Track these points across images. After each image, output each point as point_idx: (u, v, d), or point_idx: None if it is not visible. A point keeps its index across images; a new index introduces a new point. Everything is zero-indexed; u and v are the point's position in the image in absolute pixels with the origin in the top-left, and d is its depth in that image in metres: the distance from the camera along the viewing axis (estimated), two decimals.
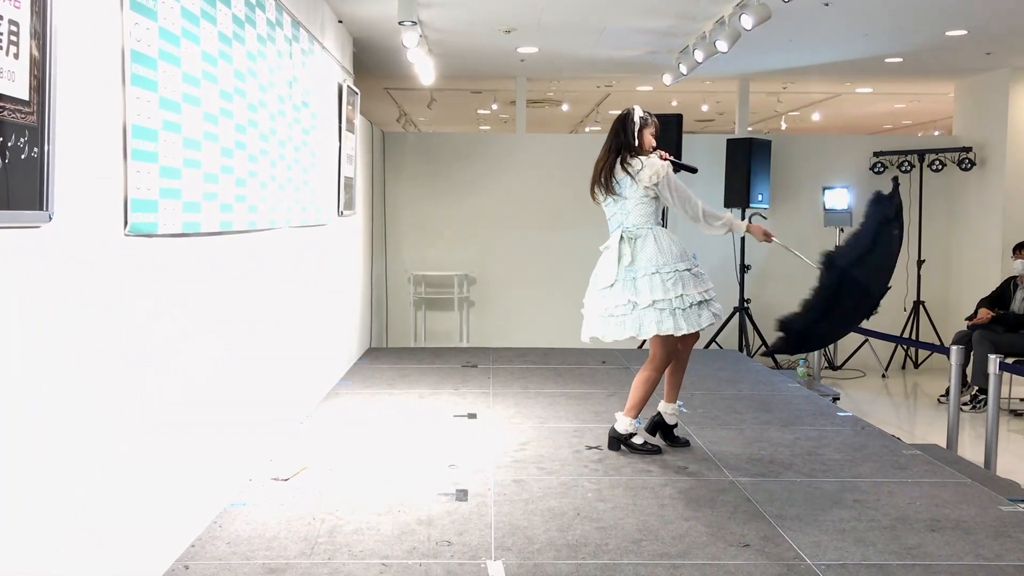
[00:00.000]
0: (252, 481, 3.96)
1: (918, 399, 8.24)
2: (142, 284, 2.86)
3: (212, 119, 3.48)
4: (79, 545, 2.48)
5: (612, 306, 4.35)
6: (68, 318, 2.40)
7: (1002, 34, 7.22)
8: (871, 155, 9.42)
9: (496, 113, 13.76)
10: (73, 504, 2.44)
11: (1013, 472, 5.04)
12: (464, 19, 6.80)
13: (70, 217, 2.37)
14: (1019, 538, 3.40)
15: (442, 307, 9.48)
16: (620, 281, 4.34)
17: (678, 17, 6.67)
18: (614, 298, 4.34)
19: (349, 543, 3.29)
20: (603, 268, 4.45)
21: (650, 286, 4.27)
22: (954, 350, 5.29)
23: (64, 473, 2.39)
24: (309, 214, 5.36)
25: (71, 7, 2.36)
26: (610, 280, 4.36)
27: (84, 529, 2.50)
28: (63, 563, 2.40)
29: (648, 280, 4.29)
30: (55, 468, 2.34)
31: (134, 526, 2.82)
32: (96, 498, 2.57)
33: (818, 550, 3.27)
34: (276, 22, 4.55)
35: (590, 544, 3.31)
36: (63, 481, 2.39)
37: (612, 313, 4.35)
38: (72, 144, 2.37)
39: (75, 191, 2.40)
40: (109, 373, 2.63)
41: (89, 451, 2.51)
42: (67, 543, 2.41)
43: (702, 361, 7.47)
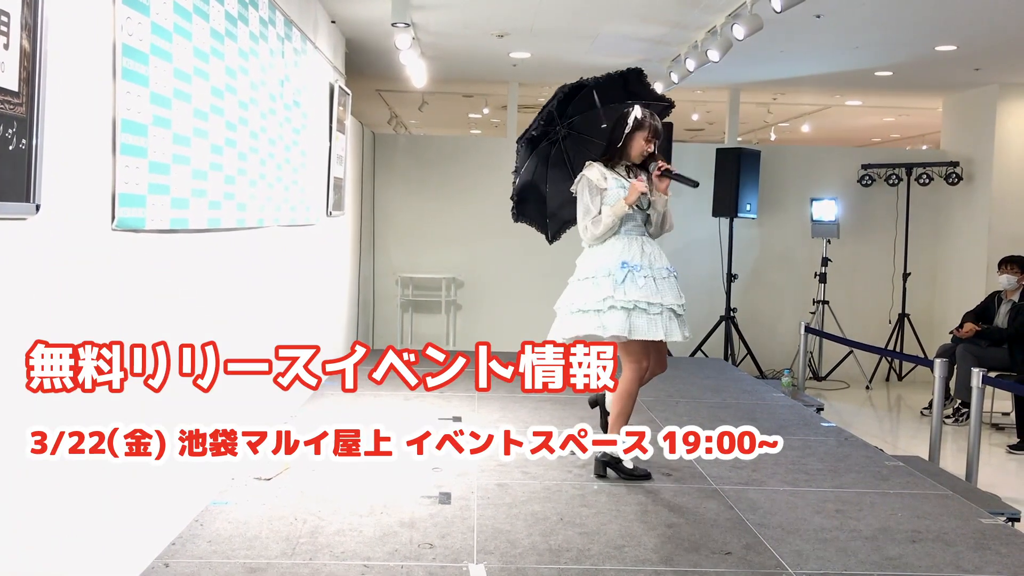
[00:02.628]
0: (234, 480, 3.94)
1: (901, 411, 8.28)
2: (128, 279, 2.85)
3: (202, 116, 3.46)
4: (55, 542, 2.46)
5: (647, 304, 4.05)
6: (53, 311, 2.38)
7: (991, 50, 7.27)
8: (859, 167, 9.46)
9: (487, 117, 13.76)
10: (49, 500, 2.42)
11: (994, 485, 5.06)
12: (457, 22, 6.80)
13: (57, 210, 2.36)
14: (999, 551, 3.42)
15: (429, 310, 9.47)
16: (655, 279, 4.12)
17: (671, 25, 6.69)
18: (660, 296, 4.07)
19: (331, 544, 3.28)
20: (624, 262, 4.20)
21: (670, 288, 4.10)
22: (938, 363, 5.32)
23: (39, 468, 2.37)
24: (298, 213, 5.35)
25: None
26: (636, 275, 4.13)
27: (61, 525, 2.48)
28: (38, 560, 2.38)
29: (675, 283, 4.14)
30: (30, 463, 2.32)
31: (113, 523, 2.80)
32: (74, 494, 2.55)
33: (800, 559, 3.28)
34: (269, 20, 4.54)
35: (573, 549, 3.31)
36: (37, 477, 2.37)
37: (646, 310, 4.04)
38: (61, 137, 2.36)
39: (63, 184, 2.39)
40: None
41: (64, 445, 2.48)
42: (43, 539, 2.39)
43: (687, 369, 7.49)
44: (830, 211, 9.13)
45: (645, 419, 5.50)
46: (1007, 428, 7.09)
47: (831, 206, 9.14)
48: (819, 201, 9.20)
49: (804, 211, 9.38)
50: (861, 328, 9.28)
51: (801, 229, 9.43)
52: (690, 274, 9.47)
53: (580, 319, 4.09)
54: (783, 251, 9.57)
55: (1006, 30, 6.55)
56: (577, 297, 4.16)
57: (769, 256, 9.53)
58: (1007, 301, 7.31)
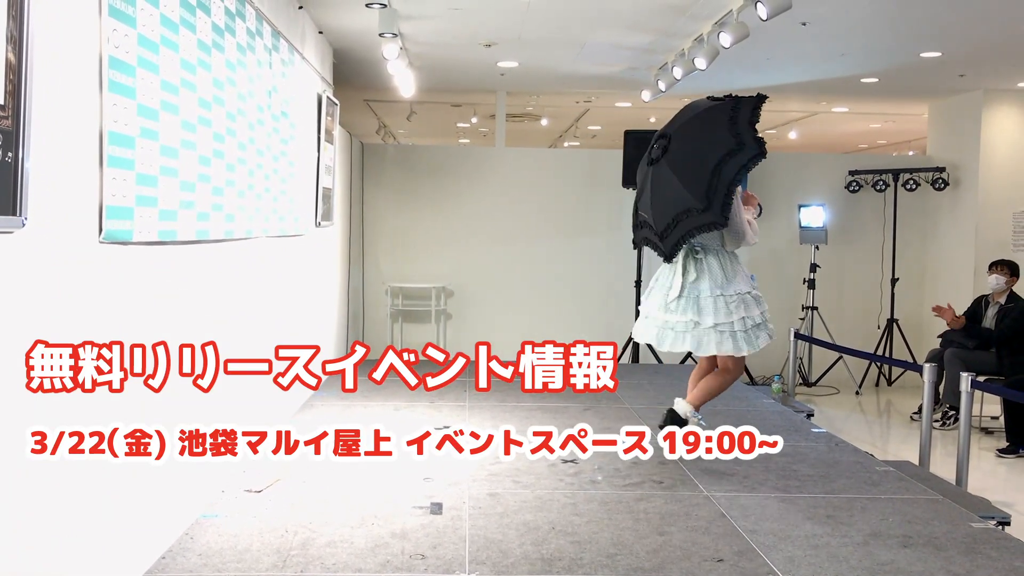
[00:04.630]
0: (225, 493, 3.92)
1: (891, 416, 8.30)
2: (117, 292, 2.84)
3: (190, 127, 3.46)
4: (55, 543, 2.44)
5: (674, 321, 4.45)
6: (41, 325, 2.37)
7: (975, 56, 7.33)
8: (846, 174, 9.52)
9: (476, 127, 13.78)
10: (37, 514, 2.41)
11: (984, 489, 5.08)
12: (445, 32, 6.81)
13: (44, 223, 2.35)
14: (989, 554, 3.43)
15: (419, 319, 9.46)
16: (685, 298, 4.42)
17: (658, 34, 6.72)
18: (678, 315, 4.44)
19: (322, 556, 3.27)
20: (667, 278, 4.54)
21: (714, 308, 4.38)
22: (927, 368, 5.34)
23: (26, 481, 2.35)
24: (287, 224, 5.34)
25: (48, 12, 2.34)
26: (676, 293, 4.44)
27: (49, 540, 2.46)
28: (38, 560, 2.36)
29: (712, 302, 4.39)
30: (15, 476, 2.31)
31: (103, 537, 2.78)
32: (63, 508, 2.53)
33: (792, 565, 3.28)
34: (256, 31, 4.54)
35: (565, 558, 3.30)
36: (25, 490, 2.35)
37: (673, 327, 4.47)
38: (47, 149, 2.35)
39: (50, 197, 2.38)
40: None
41: (55, 458, 2.47)
42: (42, 540, 2.38)
43: (678, 376, 7.49)
44: (818, 217, 9.17)
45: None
46: (996, 432, 7.12)
47: (819, 212, 9.18)
48: (807, 207, 9.23)
49: (792, 217, 9.42)
50: (850, 334, 9.31)
51: (789, 235, 9.46)
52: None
53: (757, 333, 4.44)
54: (771, 257, 9.60)
55: (990, 36, 6.60)
56: (753, 311, 4.45)
57: (757, 262, 9.56)
58: (994, 304, 7.35)
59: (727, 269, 4.44)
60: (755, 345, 4.41)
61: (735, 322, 4.36)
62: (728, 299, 4.39)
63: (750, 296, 4.44)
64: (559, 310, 9.44)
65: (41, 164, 2.30)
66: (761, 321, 4.45)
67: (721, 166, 4.23)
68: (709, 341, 4.38)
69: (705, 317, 4.38)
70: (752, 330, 4.40)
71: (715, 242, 4.47)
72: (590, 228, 9.50)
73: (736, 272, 4.46)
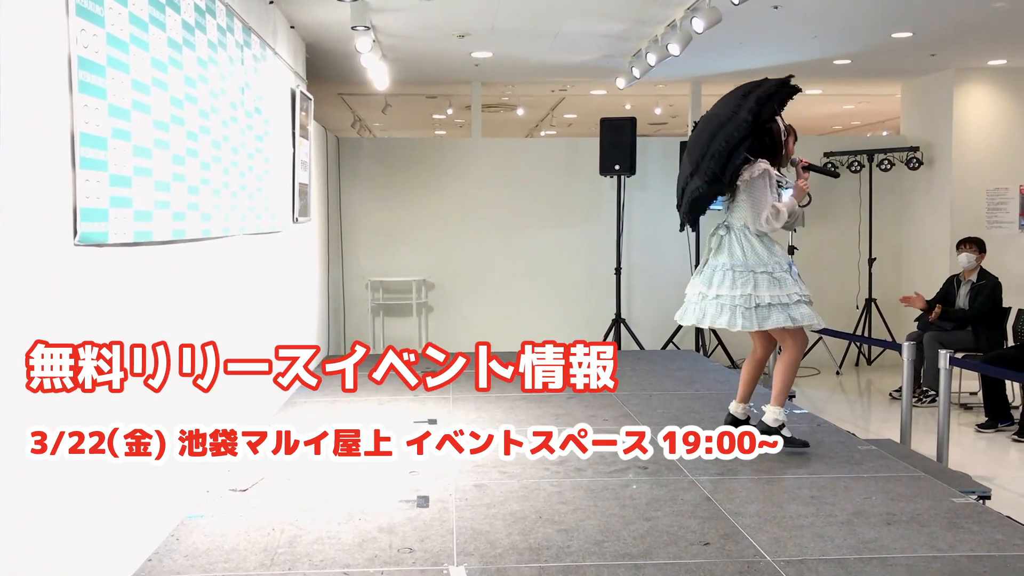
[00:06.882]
0: (210, 492, 3.90)
1: (872, 395, 8.38)
2: (93, 295, 2.81)
3: (163, 126, 3.43)
4: (54, 544, 2.43)
5: (691, 294, 4.61)
6: (15, 330, 2.34)
7: (946, 36, 7.38)
8: (822, 155, 9.56)
9: (452, 118, 13.74)
10: (35, 514, 2.39)
11: (964, 465, 5.14)
12: (417, 24, 6.78)
13: (17, 226, 2.33)
14: (971, 529, 3.47)
15: (400, 313, 9.44)
16: (704, 272, 4.57)
17: (630, 21, 6.72)
18: (695, 286, 4.60)
19: (309, 552, 3.26)
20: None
21: (720, 280, 4.46)
22: (906, 346, 5.39)
23: (26, 481, 2.33)
24: (264, 221, 5.31)
25: (14, 13, 2.31)
26: (700, 268, 4.63)
27: (43, 541, 2.44)
28: (38, 560, 2.35)
29: (721, 275, 4.47)
30: (15, 476, 2.29)
31: (88, 540, 2.76)
32: (47, 511, 2.51)
33: (777, 546, 3.31)
34: (227, 28, 4.50)
35: (552, 547, 3.32)
36: (25, 490, 2.33)
37: (690, 300, 4.61)
38: (17, 152, 2.32)
39: (22, 200, 2.36)
40: None
41: (36, 462, 2.45)
42: (41, 541, 2.36)
43: (660, 362, 7.53)
44: None
45: (620, 413, 5.53)
46: (975, 407, 7.20)
47: None
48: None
49: None
50: (829, 314, 9.33)
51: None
52: (660, 268, 9.53)
53: (766, 313, 4.39)
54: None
55: (960, 16, 6.64)
56: (763, 291, 4.41)
57: None
58: (966, 282, 7.41)
59: (746, 248, 4.48)
60: (754, 324, 4.37)
61: (736, 296, 4.39)
62: (737, 273, 4.43)
63: (767, 276, 4.42)
64: (541, 299, 9.45)
65: (11, 168, 2.27)
66: (776, 303, 4.39)
67: (717, 136, 4.42)
68: (710, 313, 4.46)
69: (711, 289, 4.47)
70: (758, 309, 4.37)
71: (740, 221, 4.55)
72: (569, 216, 9.50)
73: (758, 252, 4.47)
